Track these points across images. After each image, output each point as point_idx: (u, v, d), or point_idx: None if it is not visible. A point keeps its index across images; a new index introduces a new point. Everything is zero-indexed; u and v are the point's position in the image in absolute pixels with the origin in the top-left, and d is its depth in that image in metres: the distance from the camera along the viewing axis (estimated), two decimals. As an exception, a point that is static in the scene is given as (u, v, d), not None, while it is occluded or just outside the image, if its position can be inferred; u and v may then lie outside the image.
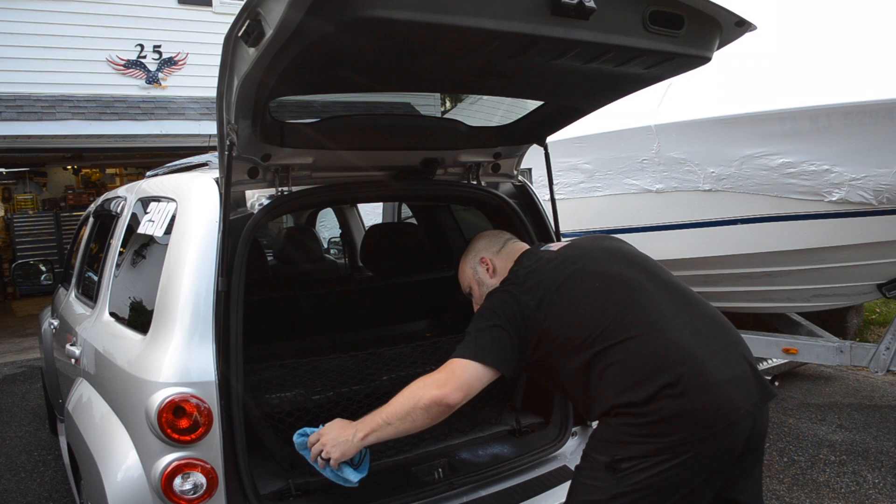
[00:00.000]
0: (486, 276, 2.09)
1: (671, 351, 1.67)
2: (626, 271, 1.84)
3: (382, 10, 1.33)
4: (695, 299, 1.85)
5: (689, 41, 1.73)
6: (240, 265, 1.97)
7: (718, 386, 1.65)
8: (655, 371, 1.64)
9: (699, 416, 1.62)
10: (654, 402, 1.62)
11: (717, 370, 1.67)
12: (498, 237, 2.18)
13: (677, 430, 1.62)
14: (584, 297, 1.77)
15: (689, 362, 1.65)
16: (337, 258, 5.50)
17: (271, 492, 2.09)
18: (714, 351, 1.70)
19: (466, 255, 2.16)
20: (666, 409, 1.62)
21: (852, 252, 3.83)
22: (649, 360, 1.66)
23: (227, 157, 1.86)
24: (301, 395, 2.29)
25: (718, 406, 1.63)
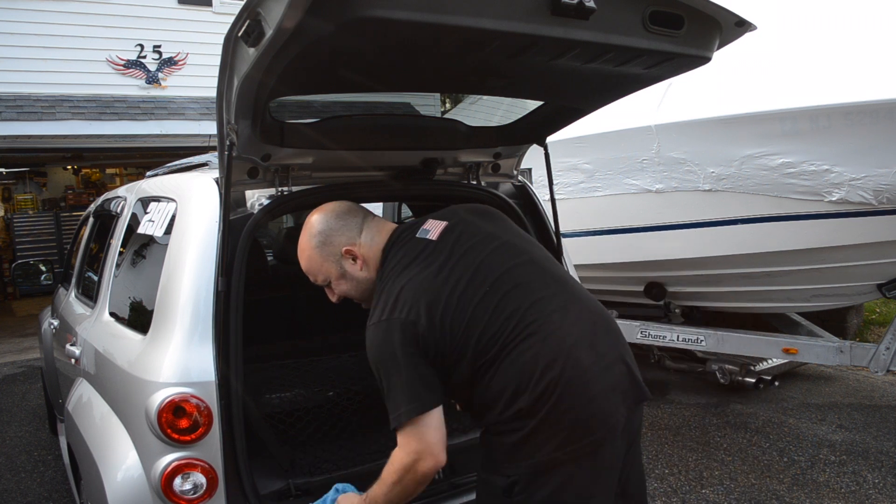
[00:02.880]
0: (354, 269, 1.82)
1: (556, 358, 1.58)
2: (515, 268, 1.71)
3: (382, 10, 1.33)
4: (578, 294, 1.76)
5: (689, 41, 1.73)
6: (240, 265, 1.97)
7: (602, 393, 1.61)
8: (540, 378, 1.57)
9: (582, 424, 1.58)
10: (539, 410, 1.56)
11: (599, 376, 1.62)
12: (352, 216, 1.84)
13: (563, 439, 1.57)
14: (474, 308, 1.62)
15: (573, 369, 1.59)
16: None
17: (271, 492, 2.09)
18: (597, 354, 1.65)
19: (312, 239, 1.81)
20: (551, 418, 1.56)
21: (852, 252, 3.83)
22: (535, 368, 1.57)
23: (227, 157, 1.86)
24: (301, 395, 2.29)
25: (599, 413, 1.60)
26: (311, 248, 1.82)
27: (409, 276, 1.67)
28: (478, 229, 1.79)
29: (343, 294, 1.88)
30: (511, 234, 1.84)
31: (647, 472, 3.92)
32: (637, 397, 1.72)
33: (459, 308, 1.62)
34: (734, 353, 4.58)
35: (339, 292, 1.87)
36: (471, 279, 1.66)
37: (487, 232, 1.79)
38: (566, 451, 1.57)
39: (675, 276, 4.64)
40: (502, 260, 1.72)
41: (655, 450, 4.26)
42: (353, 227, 1.81)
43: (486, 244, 1.75)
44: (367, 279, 1.82)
